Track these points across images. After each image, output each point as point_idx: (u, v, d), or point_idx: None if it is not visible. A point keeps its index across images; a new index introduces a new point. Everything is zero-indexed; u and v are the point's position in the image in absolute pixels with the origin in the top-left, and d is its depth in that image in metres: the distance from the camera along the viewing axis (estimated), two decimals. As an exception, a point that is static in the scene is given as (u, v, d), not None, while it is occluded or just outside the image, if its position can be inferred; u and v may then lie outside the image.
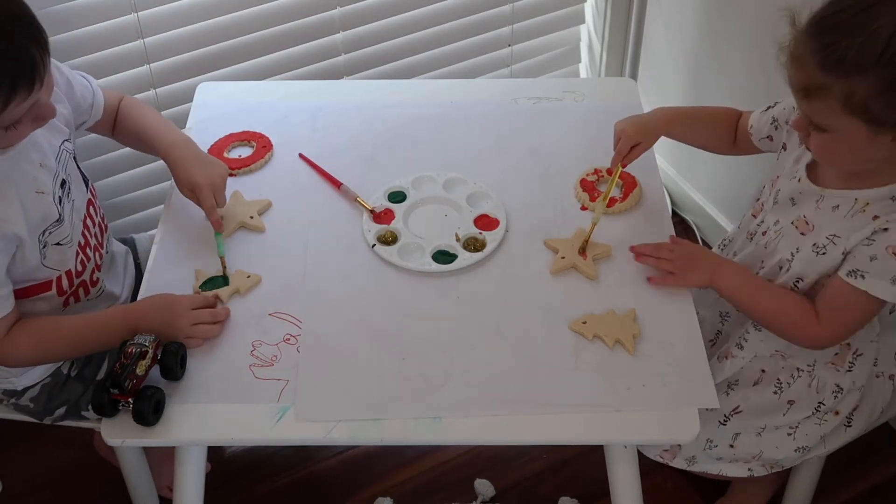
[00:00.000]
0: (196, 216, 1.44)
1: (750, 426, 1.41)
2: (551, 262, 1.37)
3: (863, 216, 1.22)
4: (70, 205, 1.33)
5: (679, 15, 2.06)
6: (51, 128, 1.30)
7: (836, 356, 1.36)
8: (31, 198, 1.25)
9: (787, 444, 1.41)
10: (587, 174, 1.50)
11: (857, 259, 1.22)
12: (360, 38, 1.95)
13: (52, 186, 1.29)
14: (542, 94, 1.68)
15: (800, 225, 1.29)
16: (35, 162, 1.26)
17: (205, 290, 1.32)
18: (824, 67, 1.10)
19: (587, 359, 1.25)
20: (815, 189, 1.27)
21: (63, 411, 1.43)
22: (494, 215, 1.43)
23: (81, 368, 1.43)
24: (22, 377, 1.39)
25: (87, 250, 1.37)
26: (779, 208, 1.33)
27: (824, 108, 1.13)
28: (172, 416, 1.18)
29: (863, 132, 1.13)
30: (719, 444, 1.43)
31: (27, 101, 1.12)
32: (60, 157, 1.32)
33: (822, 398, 1.38)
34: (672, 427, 1.18)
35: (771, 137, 1.39)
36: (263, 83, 1.84)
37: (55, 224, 1.28)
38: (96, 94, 1.44)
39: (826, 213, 1.26)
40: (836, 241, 1.24)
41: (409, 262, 1.36)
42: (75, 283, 1.36)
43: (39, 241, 1.27)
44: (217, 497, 1.62)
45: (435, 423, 1.18)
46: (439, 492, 1.77)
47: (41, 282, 1.31)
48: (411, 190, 1.48)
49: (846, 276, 1.23)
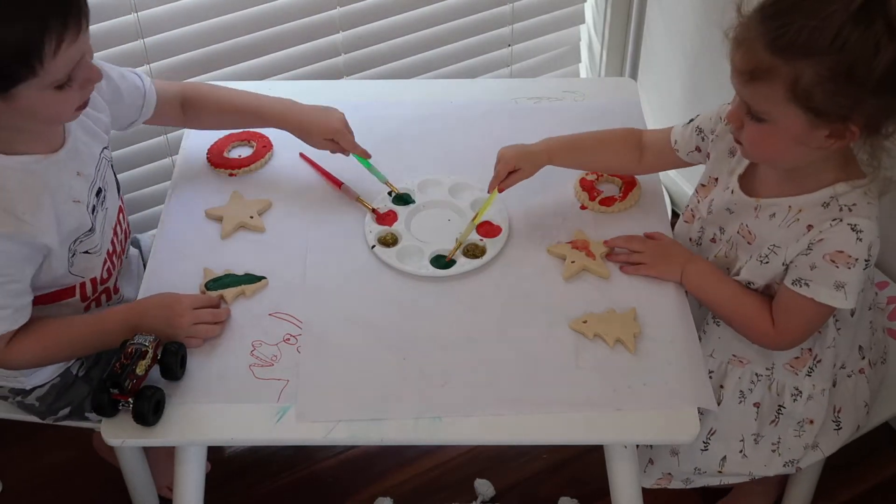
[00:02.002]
0: (196, 216, 1.44)
1: (731, 446, 1.41)
2: (552, 264, 1.37)
3: (797, 226, 1.22)
4: (103, 213, 1.33)
5: (679, 15, 2.06)
6: (91, 134, 1.31)
7: (795, 360, 1.36)
8: (67, 207, 1.24)
9: (775, 460, 1.41)
10: (586, 173, 1.50)
11: (799, 268, 1.22)
12: (360, 38, 1.95)
13: (88, 196, 1.29)
14: (542, 94, 1.68)
15: (744, 234, 1.30)
16: (73, 171, 1.26)
17: (210, 289, 1.32)
18: (774, 49, 1.09)
19: (588, 358, 1.25)
20: (750, 200, 1.28)
21: (67, 412, 1.43)
22: (497, 222, 1.43)
23: (89, 369, 1.43)
24: (31, 377, 1.39)
25: (113, 258, 1.37)
26: (715, 217, 1.35)
27: (767, 93, 1.11)
28: (172, 416, 1.18)
29: (800, 123, 1.12)
30: (707, 470, 1.43)
31: (76, 46, 1.11)
32: (100, 165, 1.32)
33: (781, 401, 1.38)
34: (672, 427, 1.18)
35: (699, 148, 1.39)
36: (264, 83, 1.84)
37: (87, 234, 1.28)
38: (147, 95, 1.43)
39: (765, 222, 1.26)
40: (777, 252, 1.25)
41: (408, 265, 1.36)
42: (99, 289, 1.36)
43: (69, 251, 1.27)
44: (217, 497, 1.61)
45: (435, 423, 1.18)
46: (439, 492, 1.77)
47: (65, 287, 1.31)
48: (417, 193, 1.48)
49: (791, 284, 1.23)
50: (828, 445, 1.41)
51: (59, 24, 1.09)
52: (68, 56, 1.11)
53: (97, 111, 1.33)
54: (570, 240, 1.40)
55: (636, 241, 1.37)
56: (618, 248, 1.38)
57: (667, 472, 1.46)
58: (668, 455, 1.44)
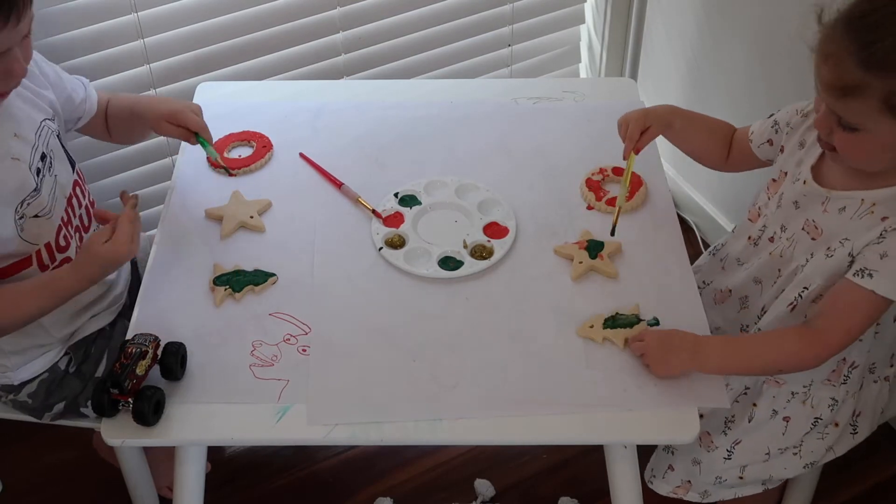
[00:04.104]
0: (196, 216, 1.44)
1: (755, 455, 1.40)
2: (560, 265, 1.36)
3: (871, 217, 1.21)
4: (52, 179, 1.34)
5: (679, 15, 2.06)
6: (31, 104, 1.33)
7: (832, 373, 1.35)
8: (6, 164, 1.26)
9: (795, 462, 1.40)
10: (592, 174, 1.50)
11: (867, 258, 1.20)
12: (360, 38, 1.95)
13: (30, 157, 1.30)
14: (542, 95, 1.68)
15: (810, 230, 1.27)
16: (9, 132, 1.27)
17: (219, 284, 1.33)
18: (867, 66, 1.08)
19: (597, 358, 1.25)
20: (821, 191, 1.26)
21: (62, 407, 1.44)
22: (504, 223, 1.43)
23: (80, 364, 1.43)
24: (18, 372, 1.39)
25: (69, 228, 1.38)
26: (782, 213, 1.32)
27: (859, 108, 1.11)
28: (172, 416, 1.18)
29: (893, 133, 1.11)
30: (728, 478, 1.42)
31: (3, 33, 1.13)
32: (41, 132, 1.33)
33: (818, 413, 1.37)
34: (672, 427, 1.18)
35: (771, 141, 1.38)
36: (263, 83, 1.84)
37: (32, 194, 1.29)
38: (89, 91, 1.47)
39: (833, 216, 1.24)
40: (845, 244, 1.22)
41: (415, 266, 1.36)
42: (58, 258, 1.36)
43: (17, 212, 1.27)
44: (217, 497, 1.62)
45: (435, 423, 1.18)
46: (439, 492, 1.77)
47: (21, 258, 1.31)
48: (423, 194, 1.48)
49: (853, 275, 1.20)
50: (841, 447, 1.41)
51: None
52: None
53: (39, 87, 1.35)
54: (577, 240, 1.40)
55: (636, 345, 1.24)
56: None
57: (686, 480, 1.44)
58: (690, 463, 1.43)
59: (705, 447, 1.42)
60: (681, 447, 1.44)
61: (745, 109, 1.94)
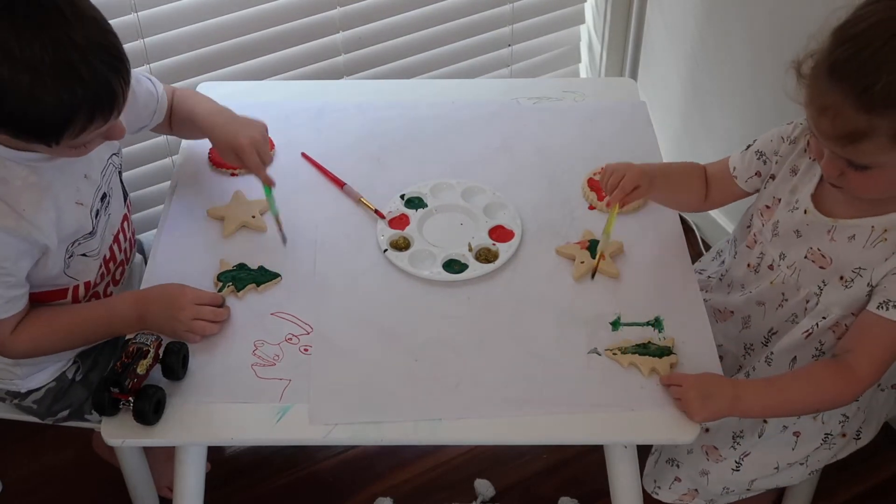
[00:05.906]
0: (198, 216, 1.44)
1: (763, 469, 1.39)
2: (563, 267, 1.37)
3: (885, 246, 1.19)
4: (106, 219, 1.33)
5: (679, 15, 2.06)
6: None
7: None
8: (70, 208, 1.24)
9: (801, 471, 1.41)
10: (594, 173, 1.50)
11: (888, 290, 1.18)
12: (360, 38, 1.95)
13: (93, 199, 1.29)
14: (543, 94, 1.68)
15: (816, 258, 1.25)
16: (80, 173, 1.26)
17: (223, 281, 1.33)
18: (867, 109, 1.06)
19: (598, 358, 1.25)
20: (826, 220, 1.23)
21: (66, 414, 1.43)
22: (510, 227, 1.42)
23: (87, 373, 1.43)
24: (27, 380, 1.39)
25: (109, 264, 1.37)
26: (780, 241, 1.30)
27: (869, 149, 1.09)
28: (173, 416, 1.18)
29: None
30: (736, 489, 1.42)
31: (102, 129, 1.14)
32: (106, 170, 1.32)
33: (828, 429, 1.37)
34: (672, 427, 1.18)
35: (759, 173, 1.36)
36: (264, 83, 1.84)
37: (87, 237, 1.29)
38: (161, 101, 1.43)
39: (843, 245, 1.22)
40: (862, 274, 1.21)
41: (420, 269, 1.36)
42: (90, 293, 1.35)
43: (67, 252, 1.27)
44: (217, 497, 1.62)
45: (435, 423, 1.18)
46: (439, 492, 1.77)
47: (58, 289, 1.31)
48: (429, 196, 1.47)
49: (876, 309, 1.19)
50: (844, 452, 1.42)
51: (84, 117, 1.09)
52: (92, 134, 1.13)
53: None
54: (578, 240, 1.40)
55: (674, 389, 1.21)
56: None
57: (693, 488, 1.44)
58: (697, 474, 1.43)
59: (713, 460, 1.41)
60: (687, 460, 1.43)
61: (746, 109, 1.95)
